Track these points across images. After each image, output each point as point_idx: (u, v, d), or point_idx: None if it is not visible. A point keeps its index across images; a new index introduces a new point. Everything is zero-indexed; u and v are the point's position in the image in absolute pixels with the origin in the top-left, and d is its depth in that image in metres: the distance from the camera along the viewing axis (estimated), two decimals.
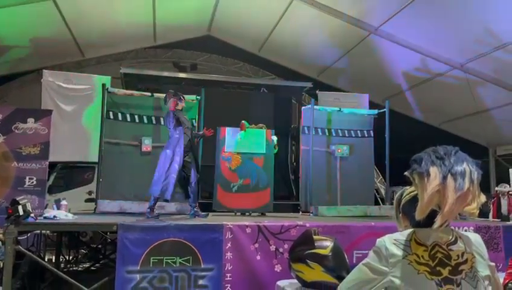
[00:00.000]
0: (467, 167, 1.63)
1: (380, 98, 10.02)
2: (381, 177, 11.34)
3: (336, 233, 3.83)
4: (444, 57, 8.94)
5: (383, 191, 11.40)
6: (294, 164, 9.39)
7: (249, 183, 6.63)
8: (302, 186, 7.99)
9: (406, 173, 1.77)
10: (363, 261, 1.85)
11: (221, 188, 6.54)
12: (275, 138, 6.90)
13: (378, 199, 11.02)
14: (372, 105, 9.01)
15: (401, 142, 8.34)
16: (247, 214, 6.46)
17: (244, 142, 6.75)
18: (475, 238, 1.80)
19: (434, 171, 1.63)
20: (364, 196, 7.84)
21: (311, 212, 6.90)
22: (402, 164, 1.83)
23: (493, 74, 8.83)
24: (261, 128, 6.94)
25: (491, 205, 6.93)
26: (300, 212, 7.66)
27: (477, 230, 4.68)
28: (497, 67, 8.51)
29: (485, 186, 1.80)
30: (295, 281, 2.85)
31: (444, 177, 1.61)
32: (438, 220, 1.61)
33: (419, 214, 1.66)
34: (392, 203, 6.67)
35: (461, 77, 9.11)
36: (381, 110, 8.10)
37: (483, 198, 1.63)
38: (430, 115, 11.66)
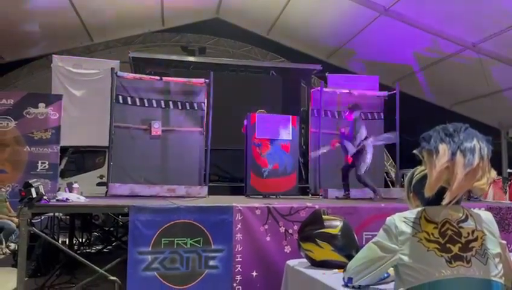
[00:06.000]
0: (477, 143, 1.61)
1: (390, 80, 9.92)
2: (391, 160, 11.29)
3: (345, 214, 3.82)
4: (455, 37, 8.78)
5: (393, 174, 11.37)
6: (304, 147, 9.37)
7: (278, 169, 6.77)
8: (311, 169, 7.98)
9: (415, 151, 1.76)
10: (373, 240, 1.86)
11: (254, 174, 6.67)
12: None
13: (388, 182, 10.99)
14: (382, 87, 8.91)
15: (412, 124, 8.26)
16: (273, 196, 6.58)
17: (273, 128, 6.85)
18: (486, 216, 1.79)
19: (443, 148, 1.62)
20: (374, 179, 7.80)
21: (321, 195, 6.92)
22: (412, 146, 1.82)
23: (506, 53, 8.67)
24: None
25: (508, 188, 6.86)
26: (310, 195, 7.67)
27: (488, 211, 4.65)
28: (510, 47, 8.35)
29: (497, 168, 1.79)
30: (304, 260, 2.86)
31: (453, 154, 1.60)
32: (447, 197, 1.61)
33: (428, 191, 1.65)
34: (402, 186, 6.67)
35: (473, 57, 8.97)
36: (392, 92, 8.02)
37: (493, 174, 1.62)
38: (441, 96, 11.52)
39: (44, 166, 7.77)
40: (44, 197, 4.19)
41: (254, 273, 4.11)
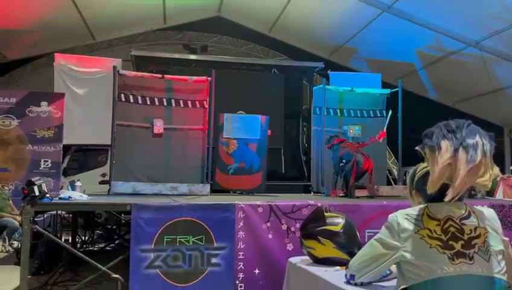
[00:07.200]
0: (480, 140, 1.61)
1: (392, 77, 9.89)
2: (393, 157, 11.28)
3: (348, 212, 3.81)
4: (458, 35, 8.76)
5: (395, 172, 11.35)
6: (306, 145, 9.37)
7: (244, 167, 7.01)
8: (313, 167, 7.98)
9: (417, 148, 1.75)
10: (375, 237, 1.85)
11: (219, 170, 6.98)
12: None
13: (391, 180, 10.97)
14: (384, 85, 8.90)
15: (414, 122, 8.23)
16: (238, 192, 6.88)
17: (240, 128, 7.06)
18: (489, 213, 1.79)
19: (445, 144, 1.62)
20: (376, 177, 7.78)
21: (323, 193, 6.91)
22: (415, 144, 1.82)
23: (509, 51, 8.64)
24: None
25: None
26: (312, 193, 7.67)
27: (491, 208, 4.62)
28: None
29: (500, 165, 1.79)
30: (307, 257, 2.87)
31: (456, 150, 1.60)
32: (450, 193, 1.60)
33: (431, 188, 1.65)
34: (404, 184, 6.66)
35: (476, 55, 8.94)
36: (394, 90, 8.01)
37: (496, 170, 1.62)
38: (444, 94, 11.50)
39: (47, 164, 7.79)
40: (47, 195, 4.19)
41: (256, 271, 4.11)
